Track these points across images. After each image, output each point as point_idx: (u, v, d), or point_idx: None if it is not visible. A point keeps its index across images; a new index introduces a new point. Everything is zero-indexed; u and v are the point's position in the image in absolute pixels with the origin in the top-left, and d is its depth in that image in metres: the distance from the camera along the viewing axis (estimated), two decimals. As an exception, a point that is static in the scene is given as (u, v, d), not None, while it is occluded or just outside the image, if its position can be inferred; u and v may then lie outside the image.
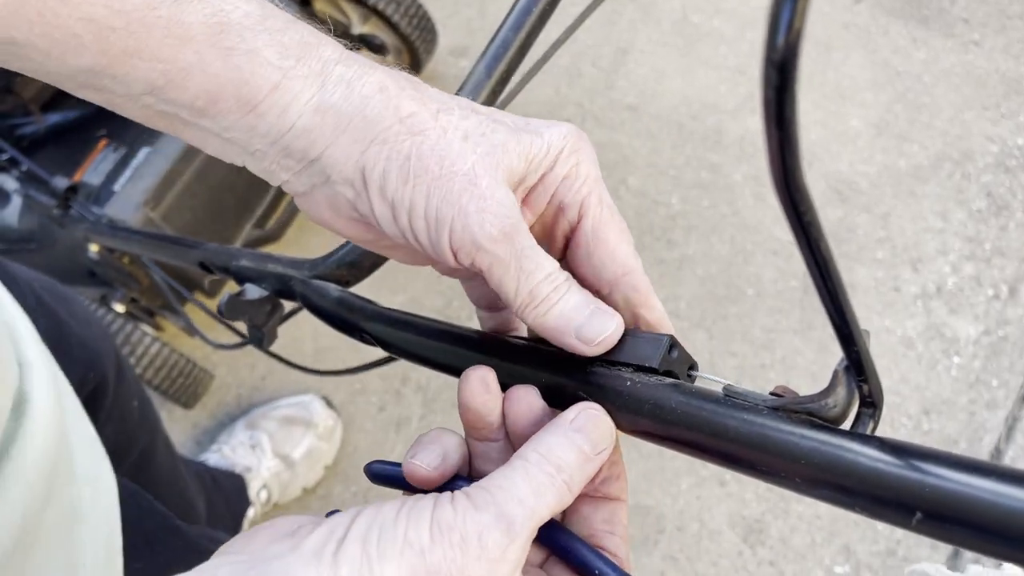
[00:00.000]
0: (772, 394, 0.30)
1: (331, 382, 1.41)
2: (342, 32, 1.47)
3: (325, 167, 0.36)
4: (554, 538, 0.34)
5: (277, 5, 0.36)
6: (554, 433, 0.33)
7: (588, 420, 0.33)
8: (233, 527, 1.18)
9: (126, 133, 1.26)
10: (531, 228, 0.38)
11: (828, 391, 0.27)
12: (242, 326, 0.64)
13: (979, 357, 1.32)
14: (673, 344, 0.35)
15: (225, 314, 0.56)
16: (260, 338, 0.61)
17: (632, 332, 0.36)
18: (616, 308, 0.36)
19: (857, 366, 0.26)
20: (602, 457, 0.33)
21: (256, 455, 1.27)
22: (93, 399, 0.75)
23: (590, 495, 0.36)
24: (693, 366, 0.36)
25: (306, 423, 1.31)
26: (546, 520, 0.31)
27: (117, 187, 1.19)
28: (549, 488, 0.31)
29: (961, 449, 1.26)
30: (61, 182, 1.15)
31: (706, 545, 1.23)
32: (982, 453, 1.26)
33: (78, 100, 1.31)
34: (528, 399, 0.36)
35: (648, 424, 0.33)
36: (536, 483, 0.31)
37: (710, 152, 1.50)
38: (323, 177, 0.36)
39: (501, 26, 0.53)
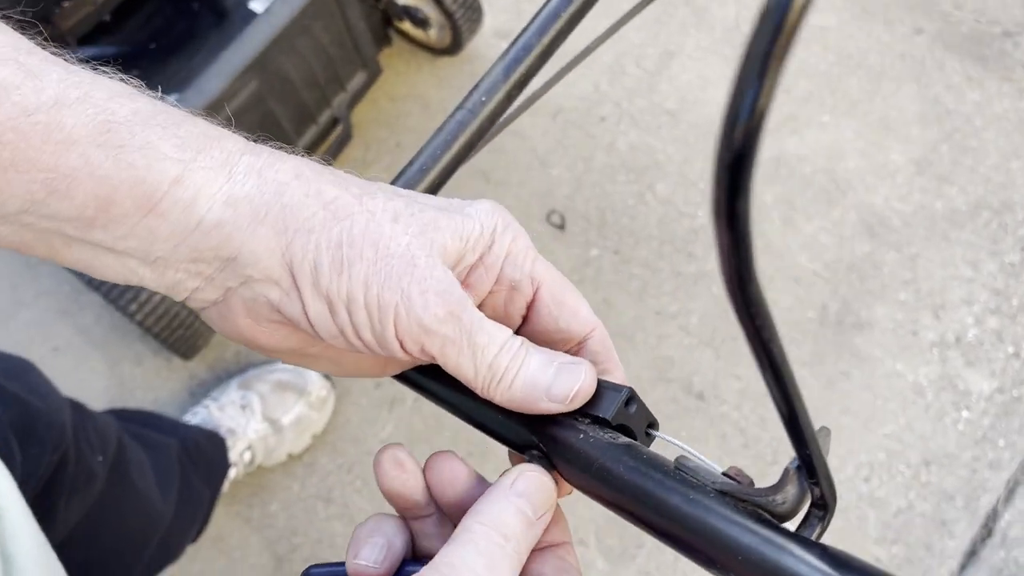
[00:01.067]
0: (725, 474, 0.30)
1: (331, 352, 1.42)
2: (387, 4, 1.47)
3: (243, 266, 0.33)
4: None
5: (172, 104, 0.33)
6: (496, 500, 0.32)
7: (529, 484, 0.33)
8: (211, 497, 1.19)
9: (159, 75, 1.27)
10: (479, 309, 0.37)
11: (778, 487, 0.27)
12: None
13: (989, 414, 1.30)
14: (632, 398, 0.34)
15: None
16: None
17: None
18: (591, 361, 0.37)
19: (809, 467, 0.26)
20: (545, 520, 0.33)
21: (245, 416, 1.28)
22: (59, 470, 0.75)
23: (535, 549, 0.35)
24: (653, 424, 0.35)
25: (299, 390, 1.32)
26: None
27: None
28: (502, 559, 0.31)
29: (957, 507, 1.25)
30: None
31: (682, 566, 1.23)
32: (979, 513, 1.25)
33: (116, 35, 1.33)
34: (449, 467, 0.35)
35: (594, 485, 0.32)
36: (488, 556, 0.31)
37: (744, 169, 1.49)
38: (240, 279, 0.33)
39: (525, 29, 0.52)
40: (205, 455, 1.20)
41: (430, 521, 0.37)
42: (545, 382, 0.34)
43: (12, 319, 1.48)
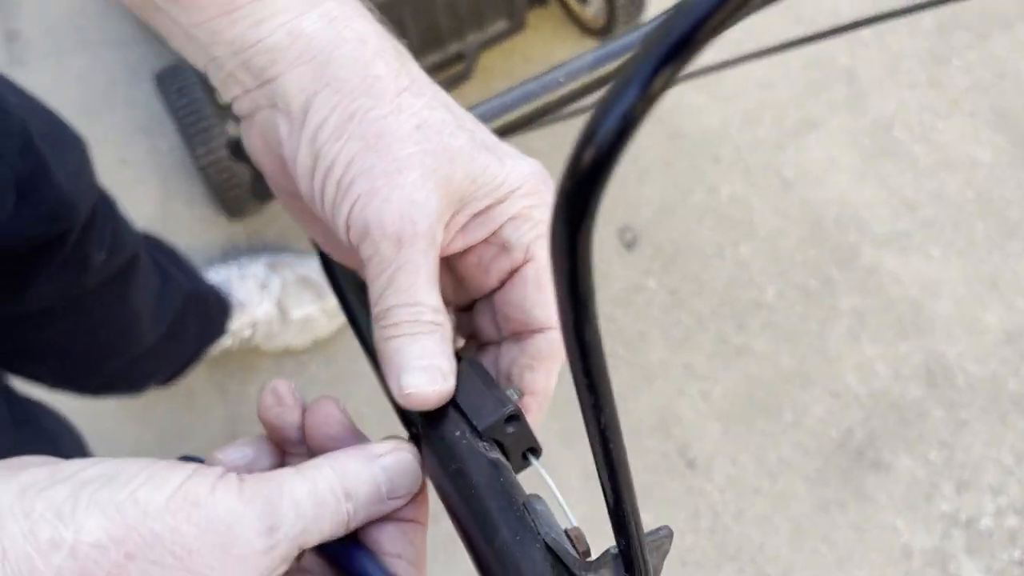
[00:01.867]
0: (567, 531, 0.29)
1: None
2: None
3: (274, 92, 0.35)
4: (347, 556, 0.32)
5: None
6: (357, 459, 0.32)
7: (397, 464, 0.32)
8: (195, 351, 1.21)
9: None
10: (463, 256, 0.37)
11: (595, 564, 0.26)
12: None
13: (967, 609, 1.24)
14: (513, 417, 0.33)
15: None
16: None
17: (491, 384, 0.34)
18: (527, 357, 0.36)
19: (626, 558, 0.25)
20: (396, 503, 0.32)
21: (260, 295, 1.30)
22: (54, 245, 0.76)
23: (383, 518, 0.34)
24: (534, 450, 0.34)
25: (319, 292, 1.33)
26: (313, 544, 0.30)
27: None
28: (329, 511, 0.30)
29: None
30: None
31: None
32: None
33: None
34: (326, 412, 0.35)
35: (444, 485, 0.32)
36: (318, 499, 0.30)
37: (833, 266, 1.43)
38: (269, 102, 0.35)
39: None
40: (208, 311, 1.22)
41: (299, 460, 0.36)
42: (408, 365, 0.33)
43: (96, 119, 1.51)
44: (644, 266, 1.44)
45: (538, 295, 0.36)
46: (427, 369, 0.33)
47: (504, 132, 0.48)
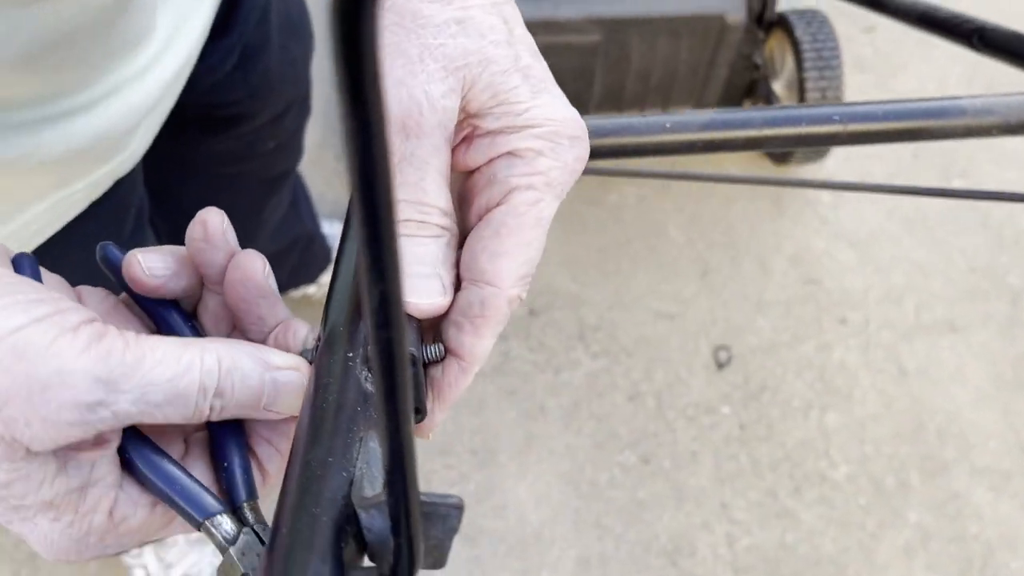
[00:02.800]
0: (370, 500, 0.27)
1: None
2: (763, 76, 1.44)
3: None
4: (138, 454, 0.30)
5: None
6: (251, 357, 0.29)
7: (289, 382, 0.30)
8: (286, 284, 1.26)
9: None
10: (463, 182, 0.34)
11: (371, 502, 0.24)
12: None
13: None
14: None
15: None
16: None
17: (412, 328, 0.32)
18: (457, 312, 0.32)
19: (393, 517, 0.22)
20: (270, 416, 0.30)
21: None
22: (235, 121, 0.76)
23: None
24: (418, 410, 0.31)
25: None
26: (144, 421, 0.27)
27: None
28: (184, 404, 0.27)
29: None
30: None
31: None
32: None
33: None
34: (247, 271, 0.32)
35: (308, 390, 0.30)
36: (178, 391, 0.27)
37: (917, 473, 1.35)
38: None
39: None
40: (312, 255, 1.29)
41: (218, 300, 0.34)
42: (417, 272, 0.32)
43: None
44: (725, 391, 1.39)
45: (492, 242, 0.32)
46: (429, 278, 0.31)
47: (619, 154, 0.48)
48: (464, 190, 0.35)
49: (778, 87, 1.47)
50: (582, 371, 1.41)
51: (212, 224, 0.32)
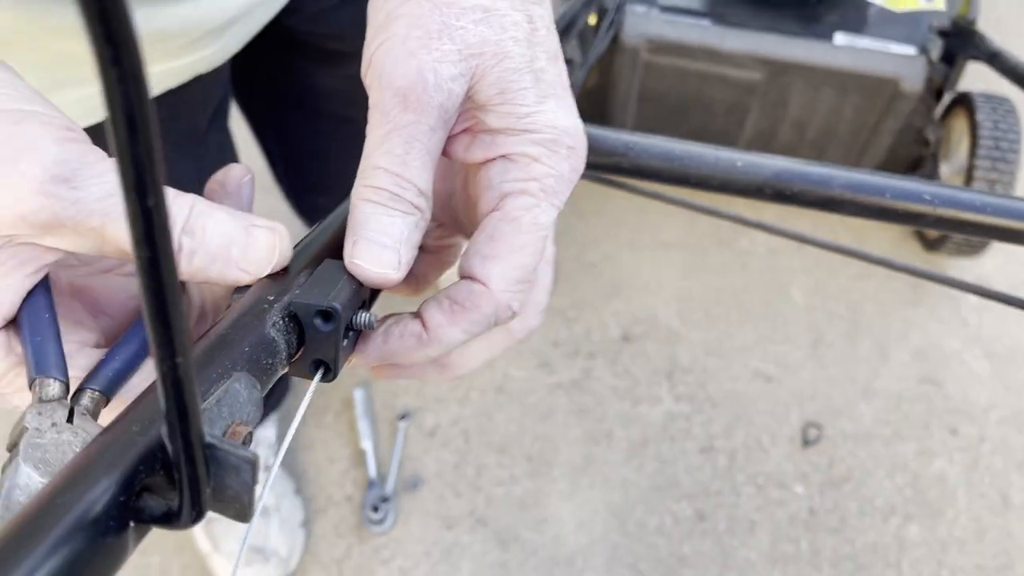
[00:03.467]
0: (233, 423, 0.26)
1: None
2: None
3: None
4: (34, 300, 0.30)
5: None
6: (228, 212, 0.30)
7: (263, 241, 0.30)
8: None
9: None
10: (470, 182, 0.34)
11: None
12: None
13: None
14: (328, 316, 0.30)
15: None
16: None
17: (350, 289, 0.31)
18: (441, 295, 0.33)
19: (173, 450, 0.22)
20: (239, 276, 0.31)
21: None
22: (337, 57, 0.77)
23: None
24: (327, 371, 0.31)
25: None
26: (107, 239, 0.28)
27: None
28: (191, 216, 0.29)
29: None
30: None
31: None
32: None
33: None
34: (236, 174, 0.34)
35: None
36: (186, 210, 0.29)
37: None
38: None
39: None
40: None
41: None
42: (361, 234, 0.32)
43: None
44: (805, 470, 1.32)
45: (486, 247, 0.32)
46: (386, 249, 0.32)
47: (612, 170, 0.47)
48: (471, 191, 0.36)
49: (946, 169, 1.38)
50: (660, 409, 1.37)
51: (233, 174, 0.34)
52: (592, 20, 1.30)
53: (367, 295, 0.34)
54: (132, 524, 0.24)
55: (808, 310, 1.47)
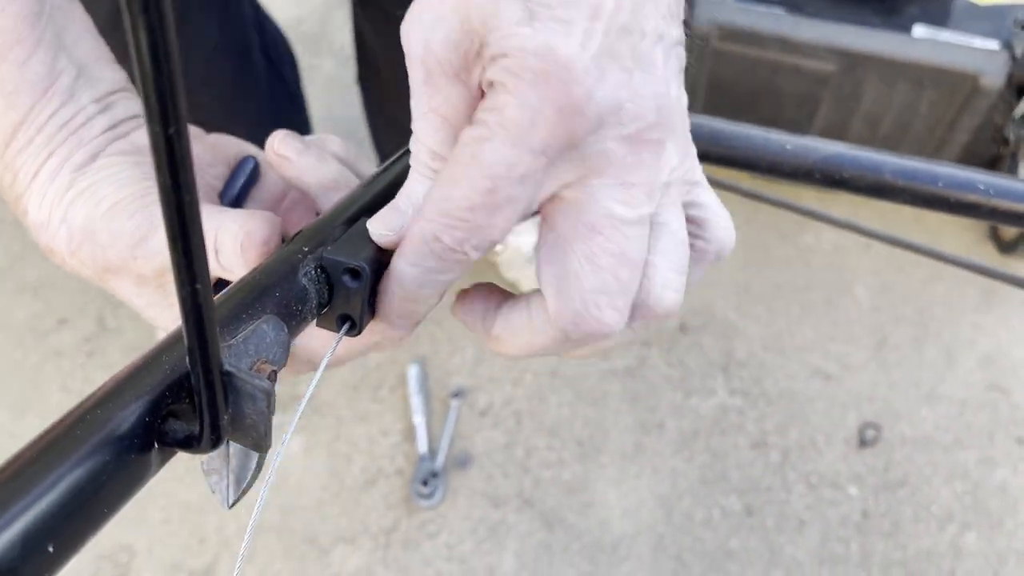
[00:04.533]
0: (260, 359, 0.28)
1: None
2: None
3: None
4: None
5: None
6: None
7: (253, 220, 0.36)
8: None
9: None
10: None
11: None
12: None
13: None
14: (356, 273, 0.32)
15: None
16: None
17: (377, 250, 0.33)
18: None
19: (195, 379, 0.23)
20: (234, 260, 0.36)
21: None
22: None
23: None
24: (353, 325, 0.33)
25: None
26: None
27: None
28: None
29: None
30: None
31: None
32: None
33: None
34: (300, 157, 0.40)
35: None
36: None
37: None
38: None
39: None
40: None
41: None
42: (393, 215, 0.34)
43: None
44: (860, 471, 1.30)
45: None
46: (395, 211, 0.33)
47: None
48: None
49: (1025, 170, 1.34)
50: (714, 402, 1.36)
51: (288, 149, 0.40)
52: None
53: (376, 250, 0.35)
54: (156, 446, 0.26)
55: (873, 311, 1.45)
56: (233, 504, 0.30)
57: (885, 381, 1.38)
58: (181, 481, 1.27)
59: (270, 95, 1.06)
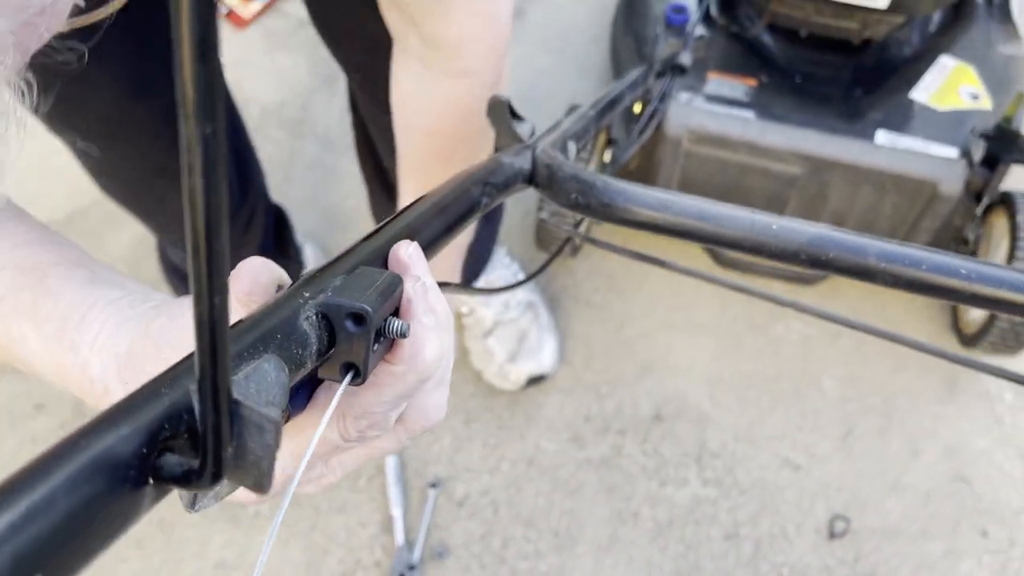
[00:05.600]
0: (264, 409, 0.27)
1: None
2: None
3: None
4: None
5: None
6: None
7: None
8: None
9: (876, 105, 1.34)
10: None
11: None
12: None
13: None
14: (359, 318, 0.31)
15: None
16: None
17: (386, 296, 0.33)
18: None
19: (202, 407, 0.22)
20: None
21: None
22: None
23: None
24: (357, 374, 0.32)
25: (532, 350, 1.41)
26: None
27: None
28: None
29: None
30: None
31: None
32: None
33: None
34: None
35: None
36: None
37: None
38: None
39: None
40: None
41: None
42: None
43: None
44: (830, 563, 1.33)
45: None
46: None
47: (650, 227, 0.50)
48: None
49: (983, 269, 1.40)
50: (688, 492, 1.39)
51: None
52: (637, 108, 1.35)
53: (398, 304, 0.35)
54: (151, 482, 0.24)
55: (840, 402, 1.49)
56: (196, 510, 0.29)
57: (852, 471, 1.42)
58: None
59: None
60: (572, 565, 1.32)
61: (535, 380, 1.45)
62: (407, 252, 0.38)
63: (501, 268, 1.49)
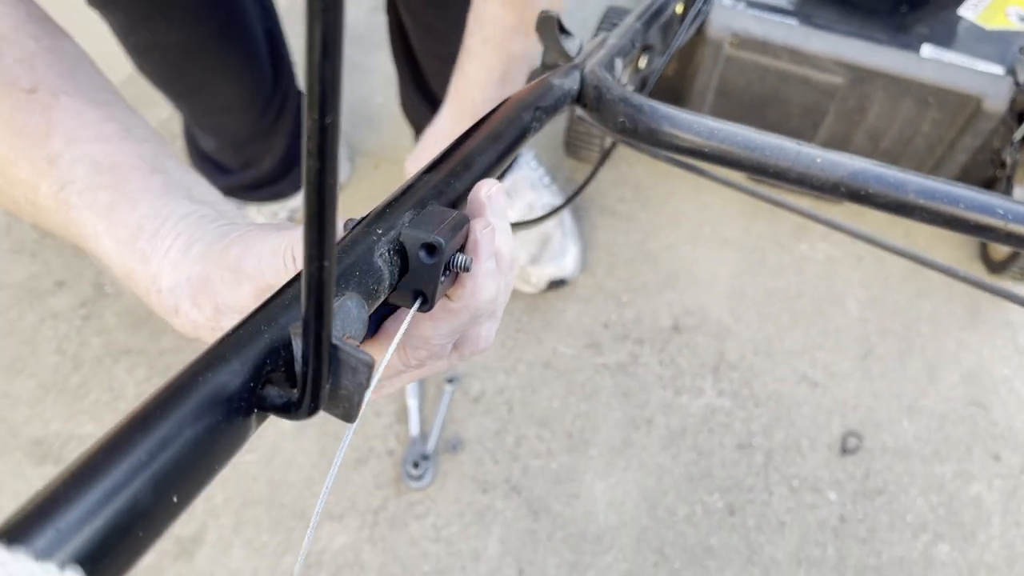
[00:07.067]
0: (348, 340, 0.29)
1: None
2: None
3: None
4: None
5: None
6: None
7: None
8: None
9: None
10: None
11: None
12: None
13: None
14: (432, 248, 0.34)
15: None
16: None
17: (456, 229, 0.35)
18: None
19: (304, 360, 0.25)
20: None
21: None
22: None
23: None
24: (425, 301, 0.35)
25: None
26: None
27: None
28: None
29: None
30: None
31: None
32: None
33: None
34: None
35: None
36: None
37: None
38: None
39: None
40: None
41: None
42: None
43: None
44: (840, 477, 1.33)
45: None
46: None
47: (694, 153, 0.49)
48: None
49: (1019, 193, 1.37)
50: (702, 401, 1.39)
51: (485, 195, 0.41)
52: (679, 8, 1.32)
53: (465, 240, 0.37)
54: (255, 411, 0.28)
55: (861, 322, 1.48)
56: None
57: (869, 391, 1.42)
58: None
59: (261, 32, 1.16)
60: (584, 466, 1.33)
61: (556, 284, 1.44)
62: (487, 192, 0.40)
63: (528, 170, 1.47)
